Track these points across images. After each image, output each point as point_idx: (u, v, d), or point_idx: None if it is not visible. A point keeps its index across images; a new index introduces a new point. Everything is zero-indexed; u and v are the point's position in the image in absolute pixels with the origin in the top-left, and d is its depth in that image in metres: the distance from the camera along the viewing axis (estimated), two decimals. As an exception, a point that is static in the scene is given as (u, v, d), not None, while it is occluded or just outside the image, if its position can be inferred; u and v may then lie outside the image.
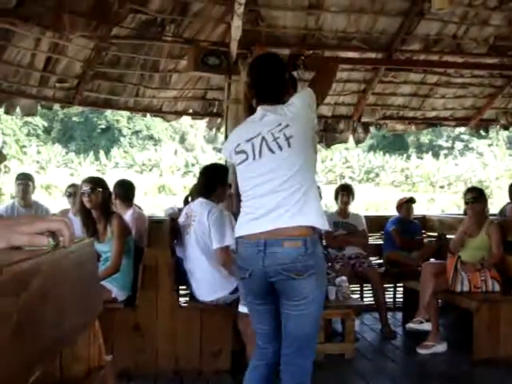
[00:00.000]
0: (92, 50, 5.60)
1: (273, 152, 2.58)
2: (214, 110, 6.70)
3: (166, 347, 4.08)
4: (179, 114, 6.85)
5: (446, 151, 35.19)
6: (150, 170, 32.56)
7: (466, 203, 5.00)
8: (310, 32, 6.01)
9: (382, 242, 6.25)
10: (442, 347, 4.61)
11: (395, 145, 35.16)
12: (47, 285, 0.89)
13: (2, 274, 0.74)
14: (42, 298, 0.87)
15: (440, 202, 25.42)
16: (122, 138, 35.47)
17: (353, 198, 5.87)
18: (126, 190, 4.94)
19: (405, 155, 34.04)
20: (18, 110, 5.93)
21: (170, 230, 4.36)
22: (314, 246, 2.50)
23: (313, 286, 2.49)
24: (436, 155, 34.30)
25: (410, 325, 4.69)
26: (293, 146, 2.55)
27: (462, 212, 6.76)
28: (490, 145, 34.61)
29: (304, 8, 5.76)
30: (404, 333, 5.20)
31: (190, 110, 6.78)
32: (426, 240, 6.36)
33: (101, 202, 4.11)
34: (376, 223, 6.26)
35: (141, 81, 6.24)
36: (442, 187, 30.87)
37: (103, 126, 36.01)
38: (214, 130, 6.97)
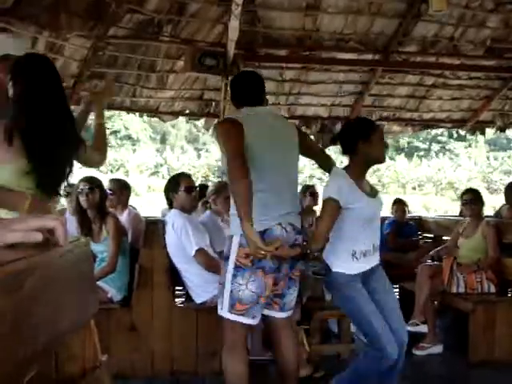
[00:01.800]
0: (89, 49, 5.59)
1: None
2: (211, 111, 6.70)
3: (161, 347, 4.07)
4: (176, 114, 6.85)
5: (422, 152, 35.22)
6: (117, 170, 32.10)
7: (464, 204, 5.01)
8: (307, 33, 6.03)
9: (378, 244, 6.24)
10: (437, 349, 4.62)
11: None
12: (42, 284, 0.89)
13: (-3, 273, 0.74)
14: (37, 297, 0.86)
15: (409, 204, 25.52)
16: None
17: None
18: (124, 190, 4.97)
19: None
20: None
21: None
22: None
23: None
24: (411, 156, 34.32)
25: (406, 327, 4.69)
26: None
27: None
28: (466, 147, 34.68)
29: (301, 9, 5.76)
30: (400, 334, 5.19)
31: (187, 111, 6.78)
32: (421, 241, 6.38)
33: (97, 202, 4.11)
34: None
35: (138, 81, 6.23)
36: (413, 188, 30.85)
37: (81, 126, 35.66)
38: (210, 130, 6.96)
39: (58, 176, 2.27)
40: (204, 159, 31.09)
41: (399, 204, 6.21)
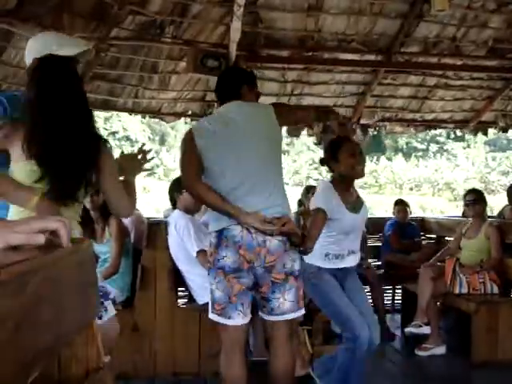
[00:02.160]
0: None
1: None
2: (213, 112, 6.70)
3: (164, 348, 4.08)
4: (178, 115, 6.85)
5: (420, 153, 35.06)
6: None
7: (467, 205, 5.01)
8: (309, 34, 6.02)
9: (380, 244, 6.25)
10: (440, 350, 4.61)
11: (372, 147, 34.52)
12: (46, 286, 0.89)
13: (1, 274, 0.74)
14: (41, 298, 0.87)
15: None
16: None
17: None
18: None
19: (375, 157, 33.55)
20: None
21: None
22: None
23: None
24: (409, 157, 34.14)
25: (409, 329, 4.69)
26: None
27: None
28: (465, 147, 34.55)
29: (303, 10, 5.76)
30: (403, 335, 5.19)
31: (189, 112, 6.78)
32: (424, 242, 6.38)
33: (101, 204, 4.11)
34: (374, 225, 6.26)
35: (140, 82, 6.24)
36: (410, 189, 30.71)
37: (79, 127, 35.30)
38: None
39: (70, 182, 2.21)
40: None
41: (401, 205, 6.21)
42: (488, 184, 29.17)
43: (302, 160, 32.73)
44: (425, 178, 31.26)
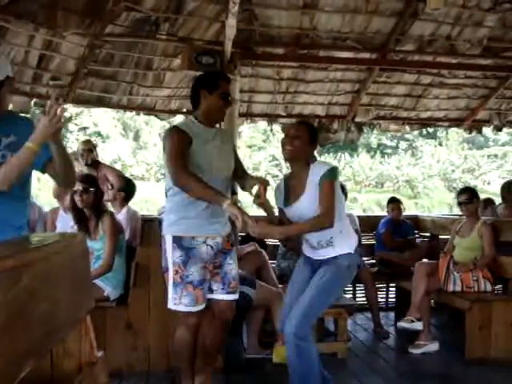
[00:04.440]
0: (86, 47, 5.59)
1: None
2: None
3: (158, 345, 4.07)
4: (173, 112, 6.85)
5: (390, 150, 34.86)
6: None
7: (460, 204, 5.01)
8: (304, 32, 6.03)
9: (374, 242, 6.26)
10: (433, 346, 4.62)
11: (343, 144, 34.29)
12: (38, 280, 0.89)
13: (-7, 268, 0.74)
14: (33, 293, 0.86)
15: (363, 202, 25.48)
16: (68, 135, 34.20)
17: (346, 198, 5.84)
18: (131, 188, 5.03)
19: (339, 154, 33.19)
20: (11, 107, 5.90)
21: None
22: None
23: None
24: (374, 154, 33.98)
25: (401, 323, 4.69)
26: None
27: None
28: (435, 145, 34.38)
29: (298, 8, 5.77)
30: (396, 332, 5.20)
31: (184, 109, 6.78)
32: (418, 240, 6.38)
33: (92, 201, 4.09)
34: (368, 223, 6.27)
35: (134, 79, 6.23)
36: (373, 186, 30.64)
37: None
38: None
39: None
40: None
41: (395, 203, 6.21)
42: (450, 182, 29.31)
43: (261, 156, 32.30)
44: (385, 175, 31.28)
